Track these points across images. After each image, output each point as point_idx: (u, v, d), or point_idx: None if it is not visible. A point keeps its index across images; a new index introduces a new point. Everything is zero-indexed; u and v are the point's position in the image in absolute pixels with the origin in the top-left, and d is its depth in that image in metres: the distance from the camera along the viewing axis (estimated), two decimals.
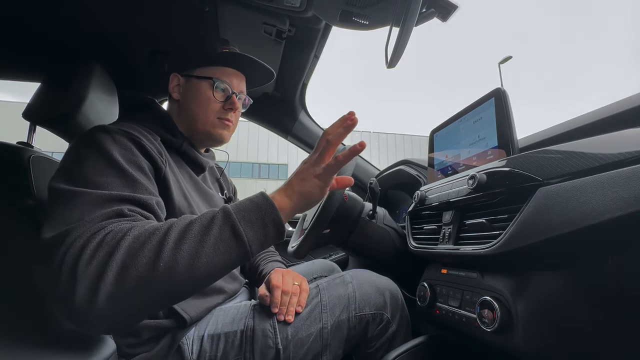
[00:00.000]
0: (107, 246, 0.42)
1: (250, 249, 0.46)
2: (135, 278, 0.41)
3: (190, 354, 0.61)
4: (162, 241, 0.43)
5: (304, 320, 0.64)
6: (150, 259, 0.42)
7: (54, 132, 0.84)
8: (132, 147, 0.57)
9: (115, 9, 0.83)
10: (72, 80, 0.79)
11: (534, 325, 0.49)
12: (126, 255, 0.42)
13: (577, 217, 0.42)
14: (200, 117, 0.73)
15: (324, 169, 0.52)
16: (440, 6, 0.70)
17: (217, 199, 0.82)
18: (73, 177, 0.50)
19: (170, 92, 0.76)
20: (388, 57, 0.68)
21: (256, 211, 0.48)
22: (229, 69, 0.76)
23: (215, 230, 0.45)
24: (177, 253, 0.43)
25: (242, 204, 0.49)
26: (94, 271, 0.40)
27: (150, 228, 0.45)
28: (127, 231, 0.44)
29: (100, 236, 0.43)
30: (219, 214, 0.47)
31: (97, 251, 0.42)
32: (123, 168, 0.52)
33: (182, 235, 0.44)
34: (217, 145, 0.81)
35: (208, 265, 0.44)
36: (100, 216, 0.45)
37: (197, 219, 0.47)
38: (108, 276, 0.40)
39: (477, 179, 0.57)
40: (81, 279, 0.40)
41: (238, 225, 0.46)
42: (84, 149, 0.54)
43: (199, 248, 0.43)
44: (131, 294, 0.41)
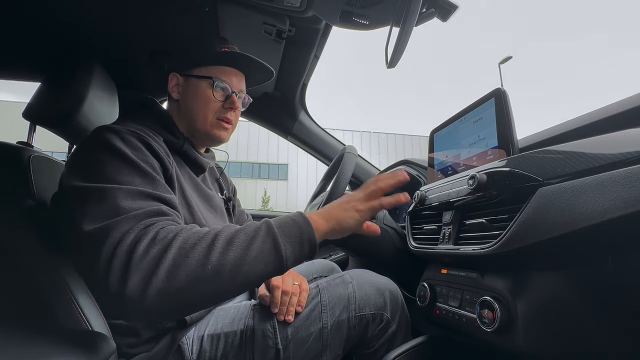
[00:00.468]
0: (160, 244, 0.45)
1: (286, 263, 0.49)
2: (185, 277, 0.43)
3: (190, 354, 0.61)
4: (211, 245, 0.46)
5: (303, 320, 0.64)
6: (200, 260, 0.45)
7: (54, 132, 0.84)
8: (142, 147, 0.58)
9: (116, 8, 0.84)
10: (72, 80, 0.79)
11: (534, 325, 0.49)
12: (178, 255, 0.44)
13: (577, 217, 0.42)
14: (200, 116, 0.73)
15: (367, 208, 0.56)
16: (440, 6, 0.70)
17: (217, 199, 0.82)
18: (95, 176, 0.51)
19: (170, 91, 0.76)
20: (388, 57, 0.68)
21: (296, 229, 0.51)
22: (228, 68, 0.76)
23: (258, 242, 0.48)
24: (224, 258, 0.46)
25: (284, 221, 0.52)
26: (147, 265, 0.43)
27: (198, 232, 0.48)
28: (178, 232, 0.47)
29: (152, 233, 0.46)
30: (263, 226, 0.50)
31: (150, 247, 0.44)
32: (141, 167, 0.54)
33: (229, 242, 0.47)
34: (217, 145, 0.81)
35: (249, 273, 0.46)
36: (144, 212, 0.48)
37: (242, 229, 0.50)
38: (160, 271, 0.43)
39: (477, 179, 0.57)
40: (135, 271, 0.42)
41: (279, 240, 0.49)
42: (96, 150, 0.55)
43: (243, 256, 0.46)
44: (179, 291, 0.43)
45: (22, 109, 0.82)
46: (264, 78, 0.84)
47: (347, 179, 0.82)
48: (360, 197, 0.57)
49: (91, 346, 0.50)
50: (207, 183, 0.83)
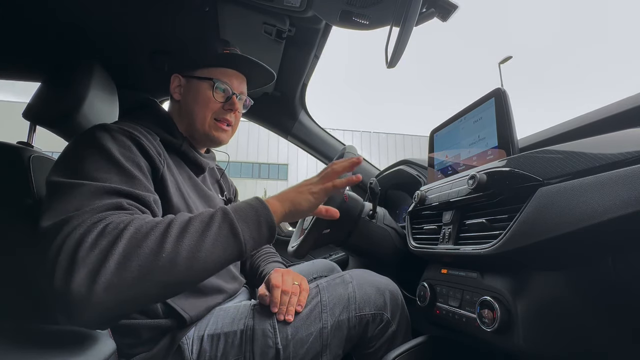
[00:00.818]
0: (110, 235, 0.43)
1: (245, 247, 0.49)
2: (137, 268, 0.42)
3: (190, 354, 0.61)
4: (165, 233, 0.45)
5: (303, 320, 0.64)
6: (153, 249, 0.43)
7: (54, 132, 0.84)
8: (131, 145, 0.58)
9: (116, 9, 0.84)
10: (72, 80, 0.79)
11: (534, 325, 0.49)
12: (128, 245, 0.42)
13: (577, 217, 0.42)
14: (199, 117, 0.73)
15: (320, 189, 0.58)
16: (440, 6, 0.70)
17: (217, 200, 0.82)
18: (71, 171, 0.51)
19: (171, 92, 0.77)
20: (388, 57, 0.68)
21: (252, 212, 0.51)
22: (229, 70, 0.76)
23: (214, 227, 0.47)
24: (179, 246, 0.44)
25: (239, 205, 0.52)
26: (94, 259, 0.41)
27: (151, 221, 0.47)
28: (128, 222, 0.45)
29: (102, 225, 0.44)
30: (218, 212, 0.50)
31: (98, 240, 0.42)
32: (122, 165, 0.53)
33: (183, 230, 0.46)
34: (216, 146, 0.81)
35: (206, 260, 0.46)
36: (100, 207, 0.46)
37: (197, 216, 0.49)
38: (109, 264, 0.40)
39: (477, 179, 0.57)
40: (80, 266, 0.40)
41: (236, 224, 0.49)
42: (84, 146, 0.55)
43: (199, 243, 0.45)
44: (130, 283, 0.41)
45: (22, 109, 0.82)
46: (265, 81, 0.85)
47: None
48: (314, 180, 0.59)
49: (91, 346, 0.50)
50: (207, 184, 0.83)
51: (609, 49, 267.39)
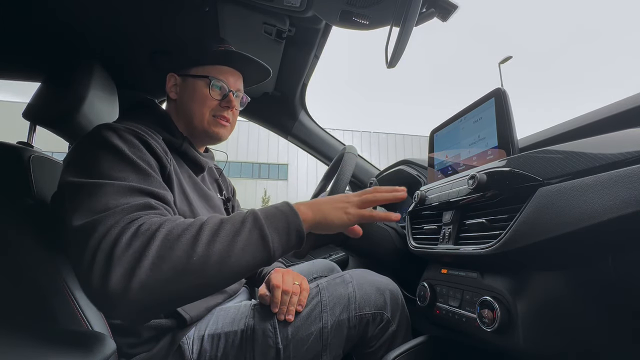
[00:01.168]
0: (143, 236, 0.44)
1: (274, 254, 0.49)
2: (170, 269, 0.43)
3: (191, 354, 0.61)
4: (197, 236, 0.45)
5: (304, 320, 0.64)
6: (185, 252, 0.44)
7: (54, 132, 0.84)
8: (139, 144, 0.58)
9: (116, 8, 0.83)
10: (72, 80, 0.79)
11: (534, 325, 0.49)
12: (161, 247, 0.43)
13: (577, 217, 0.42)
14: (197, 115, 0.74)
15: (358, 213, 0.56)
16: (440, 6, 0.70)
17: (216, 199, 0.82)
18: (89, 171, 0.51)
19: (168, 91, 0.77)
20: (388, 57, 0.68)
21: (283, 219, 0.51)
22: (224, 67, 0.76)
23: (245, 232, 0.48)
24: (210, 249, 0.45)
25: (270, 211, 0.52)
26: (130, 259, 0.42)
27: (182, 223, 0.47)
28: (161, 224, 0.46)
29: (136, 226, 0.45)
30: (249, 217, 0.50)
31: (133, 240, 0.43)
32: (136, 163, 0.54)
33: (215, 233, 0.46)
34: (216, 143, 0.81)
35: (235, 264, 0.46)
36: (131, 206, 0.47)
37: (228, 220, 0.49)
38: (144, 264, 0.42)
39: (477, 179, 0.57)
40: (117, 265, 0.41)
41: (266, 231, 0.49)
42: (94, 146, 0.55)
43: (229, 247, 0.46)
44: (164, 283, 0.42)
45: (22, 109, 0.82)
46: (261, 77, 0.85)
47: (347, 179, 0.82)
48: (354, 201, 0.57)
49: (91, 346, 0.50)
50: (207, 183, 0.83)
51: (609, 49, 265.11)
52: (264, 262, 0.49)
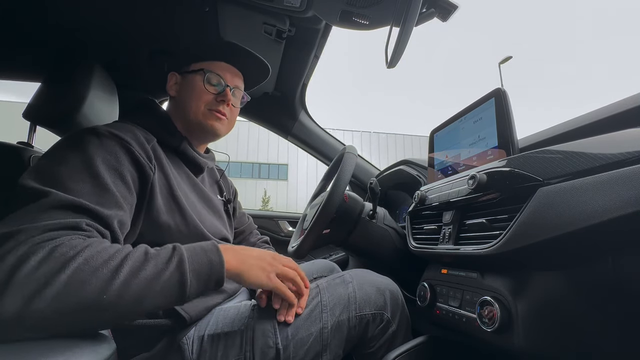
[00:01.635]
0: (54, 262, 0.40)
1: (188, 298, 0.49)
2: (76, 303, 0.40)
3: (190, 354, 0.61)
4: (114, 273, 0.42)
5: (304, 320, 0.64)
6: (97, 288, 0.41)
7: (54, 132, 0.84)
8: (119, 151, 0.55)
9: (116, 9, 0.84)
10: (72, 80, 0.79)
11: (534, 325, 0.49)
12: (72, 279, 0.40)
13: (577, 217, 0.42)
14: (193, 107, 0.73)
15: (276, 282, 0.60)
16: (440, 6, 0.70)
17: (216, 201, 0.82)
18: (44, 176, 0.48)
19: (168, 90, 0.77)
20: (388, 57, 0.68)
21: (207, 267, 0.51)
22: (223, 63, 0.77)
23: (166, 275, 0.46)
24: (127, 288, 0.43)
25: (197, 255, 0.51)
26: (32, 286, 0.38)
27: (104, 254, 0.44)
28: (80, 250, 0.42)
29: (49, 247, 0.40)
30: (175, 259, 0.48)
31: (42, 264, 0.39)
32: (99, 175, 0.51)
33: (136, 271, 0.44)
34: (213, 138, 0.80)
35: (148, 305, 0.45)
36: (54, 224, 0.43)
37: (153, 256, 0.47)
38: (46, 295, 0.38)
39: (477, 179, 0.57)
40: (13, 289, 0.37)
41: (187, 276, 0.48)
42: (66, 150, 0.53)
43: (147, 288, 0.44)
44: (64, 315, 0.40)
45: (22, 109, 0.82)
46: (261, 75, 0.84)
47: (347, 179, 0.82)
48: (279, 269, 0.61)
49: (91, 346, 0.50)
50: (206, 184, 0.83)
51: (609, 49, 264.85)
52: (175, 304, 0.49)
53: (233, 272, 0.55)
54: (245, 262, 0.57)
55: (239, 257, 0.57)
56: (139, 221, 0.59)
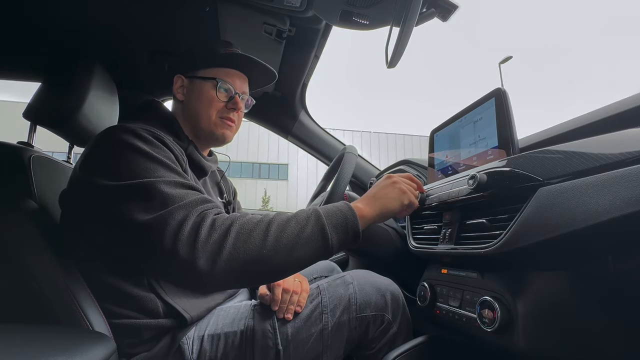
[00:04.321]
0: (220, 229, 0.50)
1: (332, 248, 0.55)
2: (243, 258, 0.49)
3: (191, 354, 0.61)
4: (266, 231, 0.52)
5: (304, 321, 0.64)
6: (257, 245, 0.50)
7: (55, 132, 0.84)
8: (158, 143, 0.60)
9: (116, 8, 0.84)
10: (72, 80, 0.79)
11: (534, 325, 0.49)
12: (236, 239, 0.50)
13: (578, 217, 0.42)
14: (204, 116, 0.75)
15: (407, 186, 0.66)
16: (440, 6, 0.70)
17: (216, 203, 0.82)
18: (122, 173, 0.54)
19: (175, 93, 0.78)
20: (388, 57, 0.68)
21: (342, 219, 0.56)
22: (231, 70, 0.77)
23: (308, 229, 0.53)
24: (278, 243, 0.51)
25: (331, 210, 0.58)
26: (211, 248, 0.49)
27: (253, 219, 0.53)
28: (233, 220, 0.52)
29: (209, 220, 0.51)
30: (312, 216, 0.55)
31: (211, 231, 0.50)
32: (162, 161, 0.57)
33: (282, 229, 0.52)
34: (220, 144, 0.81)
35: (300, 256, 0.52)
36: (192, 202, 0.53)
37: (293, 217, 0.55)
38: (223, 254, 0.49)
39: (478, 179, 0.57)
40: (202, 252, 0.48)
41: (326, 229, 0.54)
42: (116, 148, 0.56)
43: (295, 242, 0.52)
44: (239, 269, 0.50)
45: (23, 109, 0.82)
46: (267, 81, 0.86)
47: (347, 179, 0.82)
48: (396, 178, 0.66)
49: (91, 346, 0.50)
50: (207, 187, 0.83)
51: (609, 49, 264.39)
52: (324, 255, 0.55)
53: (370, 217, 0.60)
54: (376, 202, 0.62)
55: (367, 201, 0.62)
56: None
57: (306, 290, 0.69)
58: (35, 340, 0.51)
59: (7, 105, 14.79)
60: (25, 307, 0.61)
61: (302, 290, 0.68)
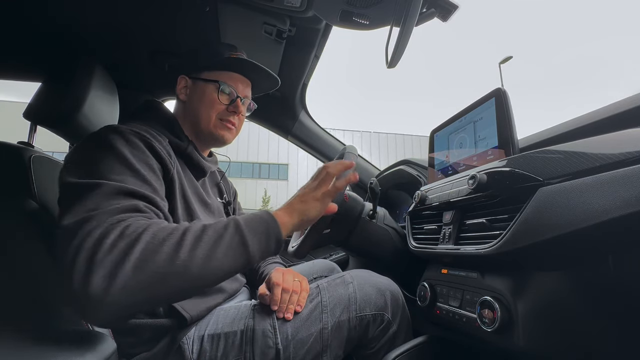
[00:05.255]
0: (128, 238, 0.44)
1: (253, 258, 0.51)
2: (152, 272, 0.43)
3: (191, 354, 0.61)
4: (180, 241, 0.46)
5: (304, 320, 0.64)
6: (169, 255, 0.44)
7: (55, 132, 0.84)
8: (143, 147, 0.58)
9: (116, 9, 0.84)
10: (73, 80, 0.79)
11: (534, 325, 0.49)
12: (145, 250, 0.43)
13: (577, 217, 0.42)
14: (204, 117, 0.75)
15: (324, 194, 0.59)
16: (440, 6, 0.70)
17: (215, 204, 0.82)
18: (86, 172, 0.51)
19: (178, 93, 0.78)
20: (388, 57, 0.68)
21: (263, 226, 0.53)
22: (235, 74, 0.78)
23: (227, 238, 0.49)
24: (193, 254, 0.46)
25: (251, 218, 0.54)
26: (113, 260, 0.42)
27: (167, 227, 0.48)
28: (146, 227, 0.46)
29: (121, 227, 0.45)
30: (231, 224, 0.51)
31: (117, 242, 0.43)
32: (135, 167, 0.54)
33: (198, 238, 0.47)
34: (220, 146, 0.82)
35: (217, 269, 0.47)
36: (118, 208, 0.47)
37: (210, 226, 0.50)
38: (126, 267, 0.42)
39: (478, 179, 0.57)
40: (99, 268, 0.41)
41: (246, 237, 0.50)
42: (97, 148, 0.55)
43: (211, 252, 0.47)
44: (145, 286, 0.43)
45: (23, 109, 0.82)
46: (270, 86, 0.87)
47: None
48: (313, 185, 0.60)
49: (91, 346, 0.50)
50: (207, 187, 0.83)
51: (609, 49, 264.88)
52: (244, 266, 0.50)
53: (290, 224, 0.56)
54: (293, 209, 0.58)
55: (287, 209, 0.58)
56: None
57: (306, 289, 0.69)
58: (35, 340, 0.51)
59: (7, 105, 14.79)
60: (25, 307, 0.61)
61: (302, 289, 0.68)
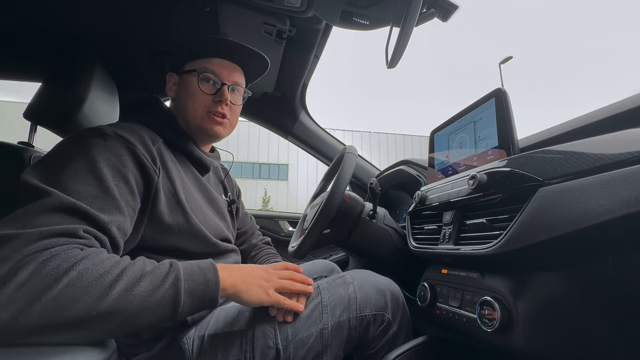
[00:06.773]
0: (46, 277, 0.38)
1: (178, 318, 0.48)
2: (62, 319, 0.39)
3: (191, 354, 0.61)
4: (108, 290, 0.41)
5: (304, 320, 0.64)
6: (88, 305, 0.39)
7: (55, 132, 0.84)
8: (124, 153, 0.55)
9: (116, 9, 0.84)
10: (73, 80, 0.80)
11: (534, 325, 0.49)
12: (62, 294, 0.38)
13: (578, 217, 0.42)
14: (191, 111, 0.72)
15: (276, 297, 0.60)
16: (440, 6, 0.70)
17: (220, 201, 0.82)
18: (47, 174, 0.48)
19: (168, 92, 0.76)
20: (388, 57, 0.68)
21: (202, 286, 0.50)
22: (218, 59, 0.74)
23: (161, 292, 0.45)
24: (117, 307, 0.41)
25: (195, 275, 0.50)
26: (20, 300, 0.37)
27: (100, 267, 0.42)
28: (74, 263, 0.40)
29: (42, 259, 0.39)
30: (171, 276, 0.47)
31: (31, 278, 0.38)
32: (103, 178, 0.50)
33: (128, 289, 0.43)
34: (215, 140, 0.79)
35: (139, 323, 0.44)
36: (51, 231, 0.41)
37: (150, 272, 0.46)
38: (32, 311, 0.37)
39: (478, 179, 0.57)
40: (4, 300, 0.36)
41: (181, 296, 0.47)
42: (71, 150, 0.52)
43: (139, 307, 0.43)
44: (52, 328, 0.39)
45: (23, 110, 0.82)
46: (260, 68, 0.82)
47: (348, 179, 0.82)
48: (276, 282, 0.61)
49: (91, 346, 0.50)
50: (212, 183, 0.83)
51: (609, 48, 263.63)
52: (166, 322, 0.47)
53: (230, 291, 0.55)
54: (243, 281, 0.56)
55: (235, 276, 0.56)
56: (142, 224, 0.59)
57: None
58: None
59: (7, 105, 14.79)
60: None
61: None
